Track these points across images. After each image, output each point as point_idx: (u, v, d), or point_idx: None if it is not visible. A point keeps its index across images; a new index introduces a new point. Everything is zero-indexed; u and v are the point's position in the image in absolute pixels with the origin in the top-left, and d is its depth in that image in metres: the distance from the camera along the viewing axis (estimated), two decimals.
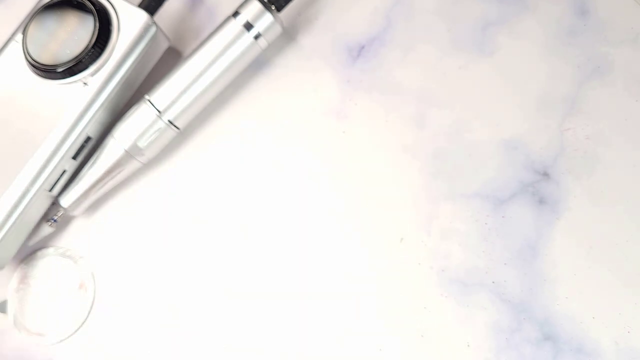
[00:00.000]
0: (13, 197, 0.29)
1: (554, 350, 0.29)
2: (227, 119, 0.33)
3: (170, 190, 0.33)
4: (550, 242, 0.31)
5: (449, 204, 0.31)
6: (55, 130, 0.29)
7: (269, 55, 0.34)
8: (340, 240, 0.31)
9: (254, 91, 0.34)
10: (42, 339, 0.31)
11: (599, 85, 0.32)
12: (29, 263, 0.32)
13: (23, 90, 0.30)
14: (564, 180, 0.31)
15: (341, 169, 0.32)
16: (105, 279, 0.32)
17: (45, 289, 0.32)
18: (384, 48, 0.34)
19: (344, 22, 0.34)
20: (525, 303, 0.30)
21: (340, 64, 0.34)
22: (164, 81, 0.31)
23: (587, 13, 0.33)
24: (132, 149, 0.31)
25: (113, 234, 0.33)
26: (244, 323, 0.31)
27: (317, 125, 0.33)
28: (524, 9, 0.34)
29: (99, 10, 0.29)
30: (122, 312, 0.32)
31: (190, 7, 0.35)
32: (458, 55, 0.33)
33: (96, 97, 0.30)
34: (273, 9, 0.31)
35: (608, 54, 0.33)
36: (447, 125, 0.32)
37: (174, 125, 0.31)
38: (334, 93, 0.33)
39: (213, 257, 0.32)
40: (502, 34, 0.33)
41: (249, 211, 0.32)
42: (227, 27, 0.31)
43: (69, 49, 0.29)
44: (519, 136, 0.32)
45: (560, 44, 0.33)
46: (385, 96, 0.33)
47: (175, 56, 0.34)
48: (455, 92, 0.33)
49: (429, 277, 0.31)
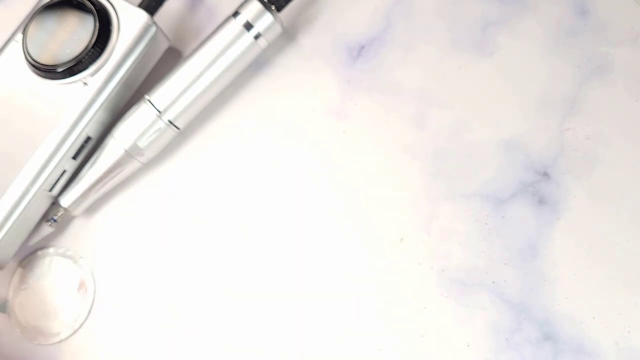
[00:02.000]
0: (13, 197, 0.29)
1: (554, 350, 0.29)
2: (227, 119, 0.33)
3: (170, 190, 0.33)
4: (550, 242, 0.31)
5: (449, 204, 0.31)
6: (55, 130, 0.29)
7: (269, 55, 0.34)
8: (340, 240, 0.31)
9: (254, 91, 0.34)
10: (42, 338, 0.31)
11: (599, 85, 0.32)
12: (29, 263, 0.32)
13: (23, 90, 0.30)
14: (564, 180, 0.31)
15: (341, 169, 0.32)
16: (105, 279, 0.32)
17: (45, 289, 0.32)
18: (384, 48, 0.34)
19: (344, 22, 0.34)
20: (525, 303, 0.30)
21: (340, 64, 0.34)
22: (164, 81, 0.31)
23: (587, 13, 0.33)
24: (132, 149, 0.31)
25: (113, 234, 0.33)
26: (244, 323, 0.31)
27: (317, 125, 0.33)
28: (524, 9, 0.33)
29: (99, 10, 0.29)
30: (122, 312, 0.32)
31: (190, 7, 0.35)
32: (458, 55, 0.33)
33: (96, 97, 0.30)
34: (273, 9, 0.31)
35: (608, 54, 0.33)
36: (447, 125, 0.32)
37: (174, 125, 0.31)
38: (334, 93, 0.33)
39: (213, 257, 0.32)
40: (502, 34, 0.33)
41: (249, 211, 0.32)
42: (227, 27, 0.31)
43: (69, 49, 0.29)
44: (519, 136, 0.32)
45: (560, 44, 0.33)
46: (385, 96, 0.33)
47: (175, 56, 0.34)
48: (455, 92, 0.33)
49: (429, 277, 0.31)
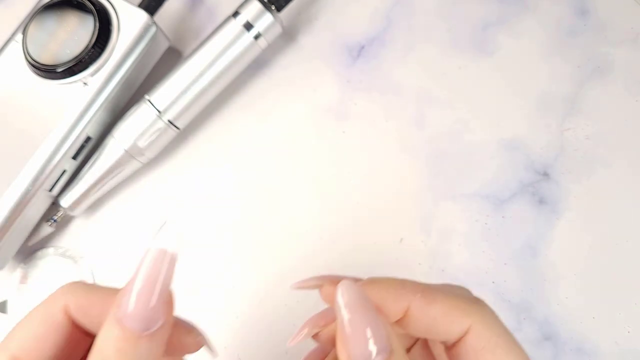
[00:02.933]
0: (13, 197, 0.29)
1: (554, 350, 0.29)
2: (227, 119, 0.33)
3: (170, 190, 0.33)
4: (550, 242, 0.31)
5: (449, 204, 0.31)
6: (55, 130, 0.29)
7: (269, 55, 0.34)
8: (340, 240, 0.31)
9: (254, 91, 0.34)
10: None
11: (599, 85, 0.32)
12: (29, 263, 0.32)
13: (23, 90, 0.30)
14: (564, 180, 0.31)
15: (341, 168, 0.32)
16: (105, 279, 0.32)
17: (45, 289, 0.32)
18: (384, 48, 0.34)
19: (344, 22, 0.34)
20: (525, 303, 0.30)
21: (340, 64, 0.34)
22: (164, 81, 0.31)
23: (587, 13, 0.33)
24: (132, 149, 0.31)
25: (113, 234, 0.33)
26: (244, 322, 0.31)
27: (317, 125, 0.33)
28: (524, 9, 0.33)
29: (99, 10, 0.29)
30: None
31: (190, 7, 0.35)
32: (458, 55, 0.33)
33: (96, 97, 0.30)
34: (273, 9, 0.31)
35: (608, 54, 0.33)
36: (447, 125, 0.32)
37: (173, 125, 0.31)
38: (334, 93, 0.33)
39: (213, 257, 0.32)
40: (502, 34, 0.33)
41: (249, 211, 0.32)
42: (227, 27, 0.31)
43: (69, 49, 0.29)
44: (519, 136, 0.32)
45: (561, 44, 0.33)
46: (385, 96, 0.33)
47: (175, 56, 0.34)
48: (455, 92, 0.33)
49: (429, 277, 0.31)
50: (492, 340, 0.17)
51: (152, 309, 0.15)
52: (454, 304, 0.17)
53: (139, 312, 0.15)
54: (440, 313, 0.17)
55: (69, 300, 0.17)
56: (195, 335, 0.18)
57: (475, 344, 0.17)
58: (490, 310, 0.18)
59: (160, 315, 0.15)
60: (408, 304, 0.17)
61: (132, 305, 0.15)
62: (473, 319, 0.17)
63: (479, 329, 0.17)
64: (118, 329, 0.15)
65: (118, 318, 0.15)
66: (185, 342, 0.18)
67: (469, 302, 0.17)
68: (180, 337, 0.18)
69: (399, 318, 0.17)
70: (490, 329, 0.17)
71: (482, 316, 0.17)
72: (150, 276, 0.16)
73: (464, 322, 0.17)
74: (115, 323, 0.15)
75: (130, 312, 0.15)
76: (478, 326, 0.17)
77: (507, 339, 0.17)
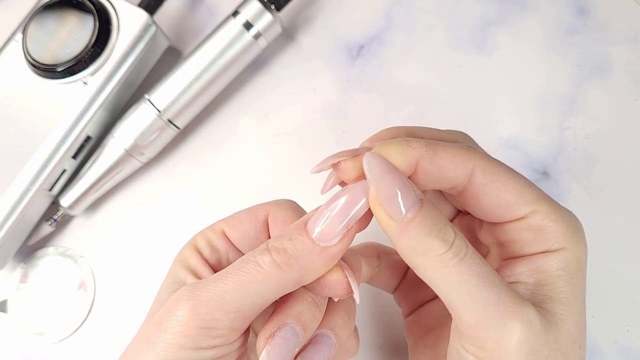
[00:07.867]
0: (13, 196, 0.29)
1: None
2: (227, 119, 0.33)
3: (170, 190, 0.33)
4: None
5: None
6: (55, 129, 0.29)
7: (269, 55, 0.34)
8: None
9: (254, 91, 0.34)
10: (42, 338, 0.31)
11: (598, 85, 0.32)
12: (29, 263, 0.32)
13: (23, 89, 0.30)
14: (564, 180, 0.31)
15: None
16: (105, 278, 0.32)
17: (45, 288, 0.32)
18: (384, 47, 0.34)
19: (343, 22, 0.34)
20: None
21: (340, 64, 0.34)
22: (164, 81, 0.31)
23: (586, 12, 0.33)
24: (132, 149, 0.31)
25: (113, 233, 0.33)
26: None
27: (317, 125, 0.33)
28: (524, 8, 0.34)
29: (99, 10, 0.29)
30: (122, 312, 0.32)
31: (190, 7, 0.35)
32: (457, 54, 0.33)
33: (96, 97, 0.30)
34: (273, 8, 0.31)
35: (608, 54, 0.33)
36: (447, 124, 0.32)
37: (173, 124, 0.31)
38: (334, 93, 0.33)
39: None
40: (502, 34, 0.33)
41: None
42: (227, 27, 0.31)
43: (68, 48, 0.29)
44: (518, 135, 0.32)
45: (560, 44, 0.33)
46: (385, 96, 0.33)
47: (175, 56, 0.34)
48: (454, 91, 0.33)
49: None
50: (496, 171, 0.19)
51: (337, 233, 0.18)
52: (456, 151, 0.19)
53: (326, 228, 0.18)
54: (446, 160, 0.19)
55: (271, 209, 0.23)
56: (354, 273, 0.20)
57: (482, 179, 0.19)
58: (487, 154, 0.20)
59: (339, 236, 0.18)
60: (417, 159, 0.19)
61: (323, 221, 0.18)
62: (475, 161, 0.19)
63: (482, 167, 0.19)
64: (307, 236, 0.19)
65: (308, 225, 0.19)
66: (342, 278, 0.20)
67: (469, 147, 0.20)
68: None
69: (411, 174, 0.19)
70: (491, 164, 0.19)
71: (482, 156, 0.19)
72: (348, 202, 0.19)
73: (467, 164, 0.19)
74: (304, 225, 0.19)
75: (320, 224, 0.18)
76: (481, 165, 0.19)
77: (508, 168, 0.19)
